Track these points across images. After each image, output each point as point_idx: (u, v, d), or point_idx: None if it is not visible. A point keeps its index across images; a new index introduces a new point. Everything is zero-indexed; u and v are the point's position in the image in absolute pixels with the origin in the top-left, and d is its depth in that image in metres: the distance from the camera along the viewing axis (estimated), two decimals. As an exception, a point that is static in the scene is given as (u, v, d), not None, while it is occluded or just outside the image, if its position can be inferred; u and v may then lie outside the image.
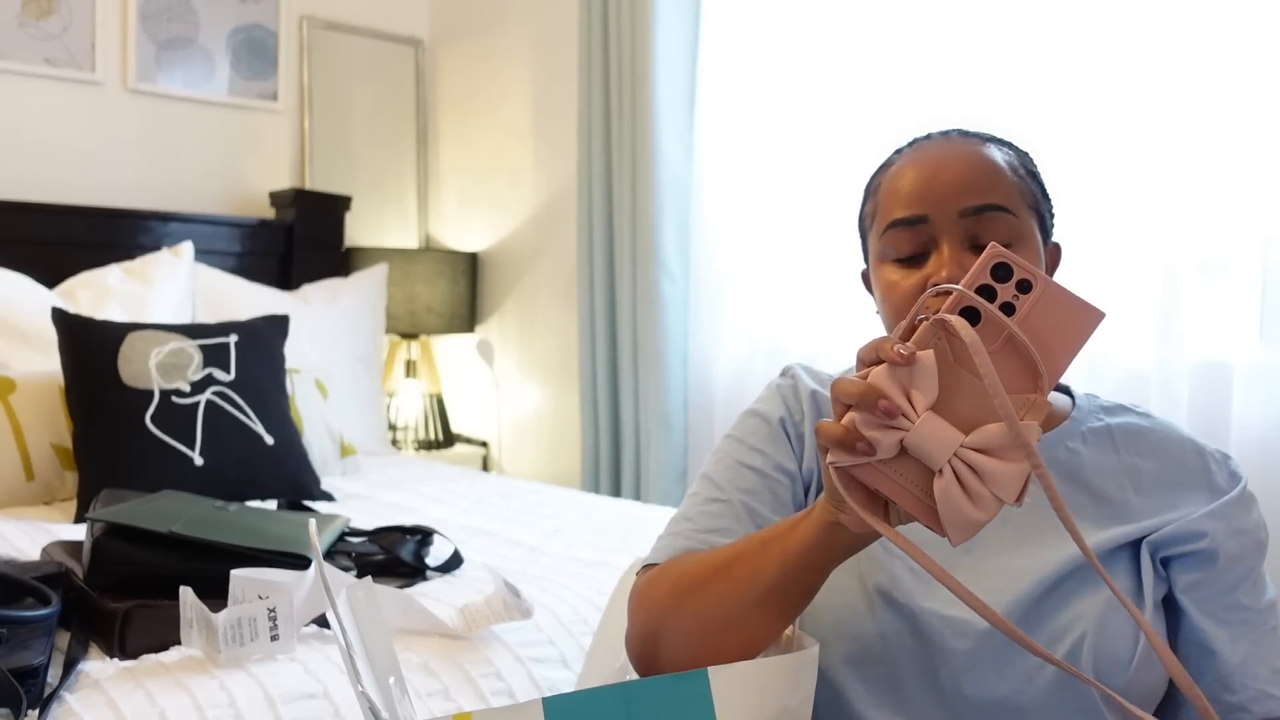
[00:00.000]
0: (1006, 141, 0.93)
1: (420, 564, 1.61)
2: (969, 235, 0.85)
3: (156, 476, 1.96)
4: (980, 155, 0.88)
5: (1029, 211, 0.88)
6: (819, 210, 2.30)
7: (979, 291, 0.65)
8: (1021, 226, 0.86)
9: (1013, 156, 0.90)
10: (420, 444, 3.24)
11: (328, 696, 1.15)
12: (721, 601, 0.79)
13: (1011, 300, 0.65)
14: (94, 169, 2.85)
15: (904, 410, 0.63)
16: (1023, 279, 0.65)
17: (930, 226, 0.86)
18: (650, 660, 0.84)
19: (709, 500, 0.94)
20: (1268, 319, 1.73)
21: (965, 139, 0.91)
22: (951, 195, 0.86)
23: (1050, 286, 0.64)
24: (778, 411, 0.97)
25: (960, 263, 0.84)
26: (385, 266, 3.06)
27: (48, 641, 1.17)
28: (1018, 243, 0.85)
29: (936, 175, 0.87)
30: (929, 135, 0.94)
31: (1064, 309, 0.64)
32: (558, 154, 3.06)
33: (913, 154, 0.91)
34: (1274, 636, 0.87)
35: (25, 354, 2.29)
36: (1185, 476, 0.89)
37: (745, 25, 2.43)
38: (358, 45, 3.34)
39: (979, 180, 0.86)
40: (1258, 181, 1.71)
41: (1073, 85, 1.90)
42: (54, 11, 2.76)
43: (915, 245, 0.87)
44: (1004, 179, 0.87)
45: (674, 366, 2.57)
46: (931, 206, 0.86)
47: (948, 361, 0.65)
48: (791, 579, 0.75)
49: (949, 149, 0.89)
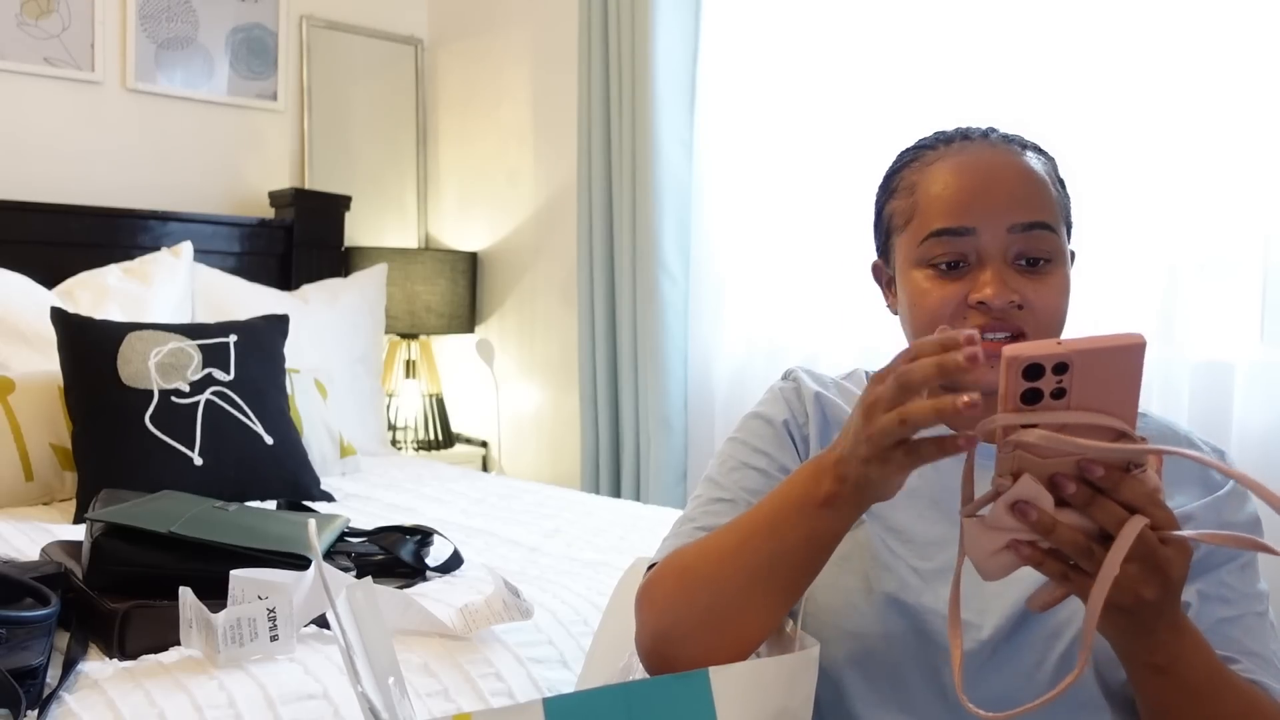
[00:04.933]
0: (1039, 148, 0.91)
1: (420, 564, 1.60)
2: (1014, 251, 0.84)
3: (156, 476, 1.96)
4: (1028, 167, 0.86)
5: (1063, 225, 0.88)
6: (819, 210, 2.29)
7: (1024, 398, 0.63)
8: (1060, 243, 0.86)
9: (1049, 166, 0.89)
10: (420, 444, 3.24)
11: (327, 697, 1.15)
12: (729, 590, 0.79)
13: (1058, 385, 0.63)
14: (93, 169, 2.85)
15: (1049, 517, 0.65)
16: (1058, 362, 0.63)
17: (976, 239, 0.84)
18: (665, 659, 0.83)
19: (712, 500, 0.93)
20: (1269, 318, 1.73)
21: (1008, 145, 0.88)
22: (1003, 210, 0.84)
23: (1083, 353, 0.62)
24: (781, 414, 0.97)
25: (1005, 281, 0.83)
26: (385, 266, 3.06)
27: (47, 642, 1.16)
28: (1056, 259, 0.85)
29: (988, 188, 0.84)
30: (966, 134, 0.90)
31: (1107, 360, 0.63)
32: (557, 154, 3.06)
33: (956, 156, 0.88)
34: (1258, 622, 0.84)
35: (24, 354, 2.29)
36: (1180, 473, 0.88)
37: (745, 25, 2.43)
38: (357, 45, 3.34)
39: (1030, 196, 0.84)
40: (1258, 181, 1.71)
41: (1073, 85, 1.90)
42: (53, 11, 2.76)
43: (956, 255, 0.85)
44: (1048, 194, 0.86)
45: (674, 367, 2.57)
46: (980, 219, 0.84)
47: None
48: (793, 560, 0.77)
49: (997, 158, 0.87)
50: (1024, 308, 0.83)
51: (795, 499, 0.76)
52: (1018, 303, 0.83)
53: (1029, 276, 0.84)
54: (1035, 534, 0.66)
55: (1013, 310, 0.83)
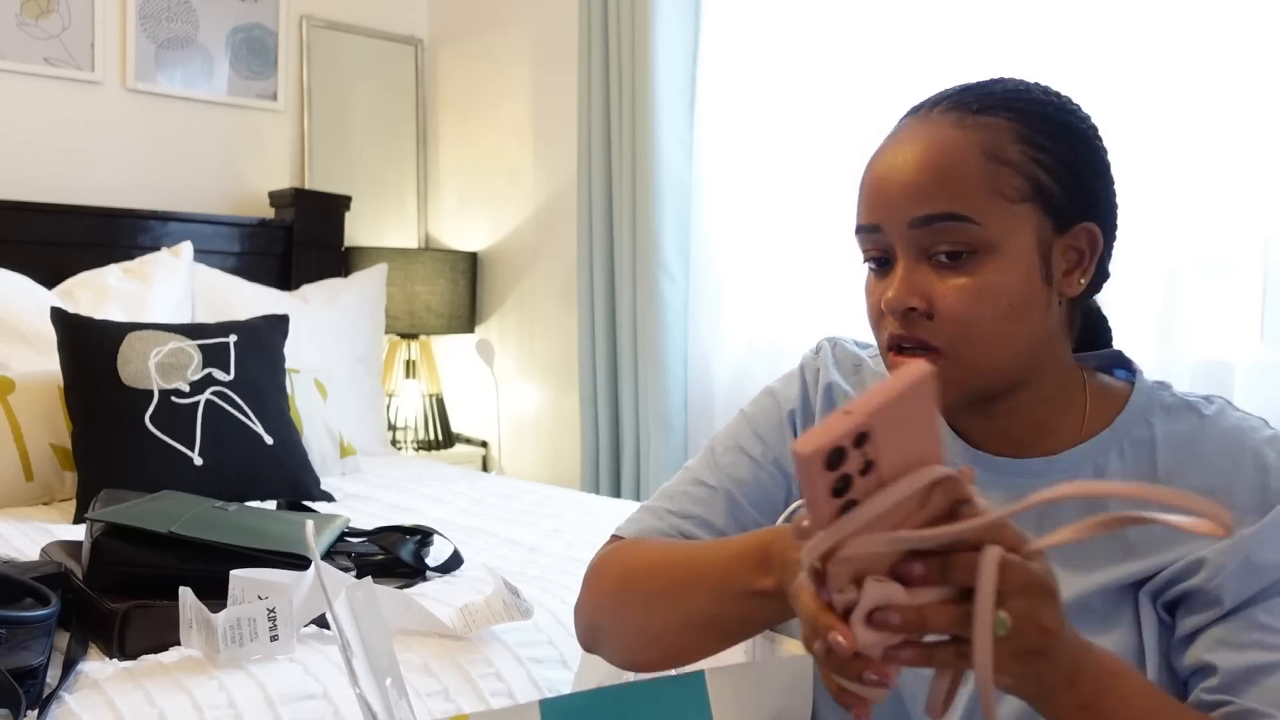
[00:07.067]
0: (1008, 106, 0.78)
1: (420, 564, 1.60)
2: (921, 248, 0.75)
3: (156, 476, 1.96)
4: (934, 149, 0.75)
5: (1015, 204, 0.75)
6: (819, 210, 2.29)
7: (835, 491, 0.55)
8: (986, 233, 0.74)
9: (1002, 133, 0.76)
10: (420, 444, 3.24)
11: (327, 697, 1.15)
12: (661, 620, 0.79)
13: (865, 460, 0.55)
14: (93, 169, 2.85)
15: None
16: (857, 435, 0.54)
17: (885, 236, 0.77)
18: (590, 647, 0.89)
19: (698, 482, 0.93)
20: (1269, 318, 1.73)
21: (930, 123, 0.78)
22: (900, 203, 0.75)
23: (877, 414, 0.54)
24: (791, 401, 0.94)
25: (910, 283, 0.75)
26: (385, 266, 3.06)
27: (47, 642, 1.16)
28: (985, 251, 0.74)
29: (886, 179, 0.77)
30: (916, 109, 0.82)
31: (903, 407, 0.55)
32: (558, 154, 3.06)
33: (885, 142, 0.80)
34: None
35: (24, 354, 2.29)
36: (1235, 496, 0.75)
37: (745, 25, 2.43)
38: (357, 45, 3.34)
39: (926, 186, 0.74)
40: (1258, 181, 1.71)
41: (1073, 85, 1.89)
42: (53, 11, 2.76)
43: (879, 251, 0.79)
44: (963, 176, 0.74)
45: (674, 366, 2.57)
46: (883, 215, 0.77)
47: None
48: (728, 627, 0.77)
49: (904, 144, 0.77)
50: (934, 316, 0.75)
51: (739, 576, 0.72)
52: (924, 310, 0.75)
53: (943, 275, 0.75)
54: (908, 633, 0.57)
55: (919, 319, 0.75)
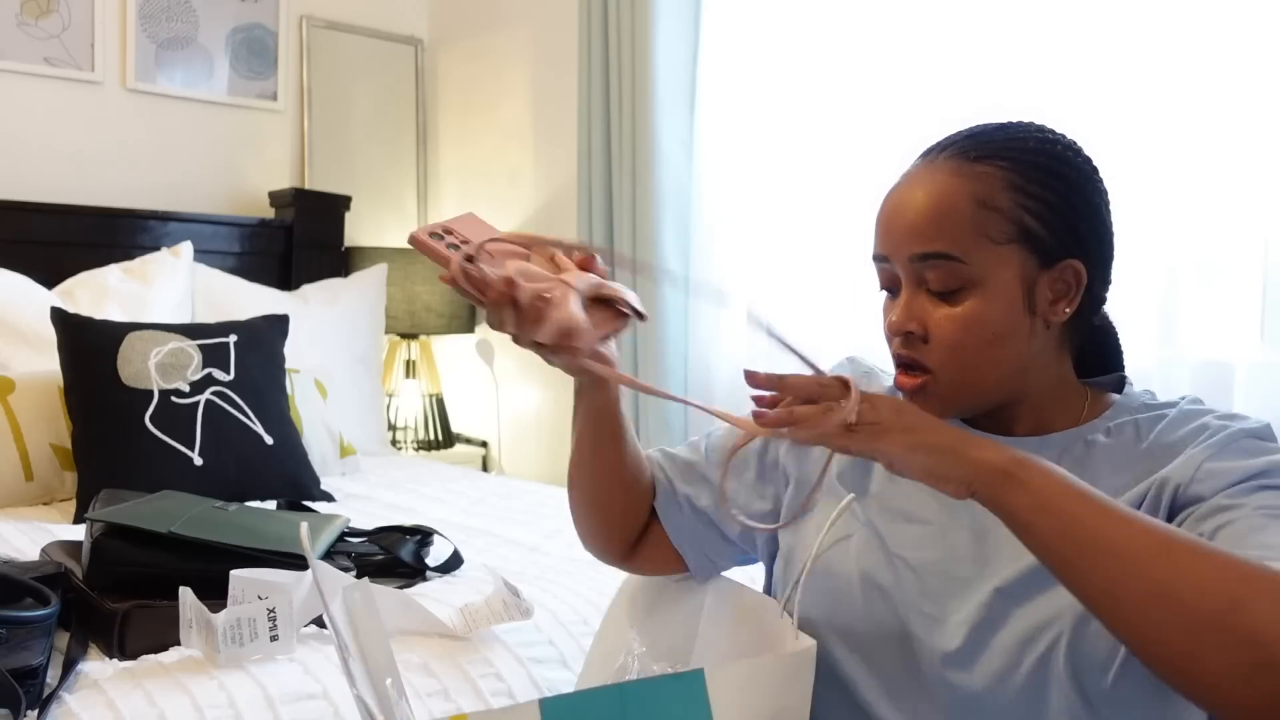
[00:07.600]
0: (1004, 154, 0.86)
1: (420, 564, 1.61)
2: (920, 279, 0.87)
3: (156, 476, 1.96)
4: (932, 195, 0.85)
5: (1001, 245, 0.83)
6: (820, 210, 2.29)
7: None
8: (972, 271, 0.84)
9: (995, 182, 0.84)
10: (420, 444, 3.24)
11: (327, 697, 1.15)
12: (576, 486, 1.05)
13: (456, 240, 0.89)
14: (93, 169, 2.85)
15: None
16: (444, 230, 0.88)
17: (892, 267, 0.89)
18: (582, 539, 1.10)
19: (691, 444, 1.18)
20: (1268, 318, 1.72)
21: (935, 168, 0.87)
22: (903, 240, 0.87)
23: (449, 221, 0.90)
24: None
25: (911, 308, 0.87)
26: (385, 266, 3.06)
27: (47, 642, 1.17)
28: (971, 286, 0.84)
29: (892, 217, 0.88)
30: (927, 152, 0.91)
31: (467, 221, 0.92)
32: (558, 154, 3.06)
33: (894, 184, 0.91)
34: (1267, 520, 0.74)
35: (24, 354, 2.29)
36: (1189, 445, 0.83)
37: (745, 25, 2.43)
38: (357, 45, 3.34)
39: (924, 226, 0.85)
40: (1258, 182, 1.71)
41: (1073, 85, 1.90)
42: (53, 11, 2.76)
43: (889, 280, 0.90)
44: (955, 221, 0.84)
45: (674, 366, 2.57)
46: (889, 248, 0.88)
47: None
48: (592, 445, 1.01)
49: (909, 186, 0.88)
50: (929, 341, 0.86)
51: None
52: (919, 333, 0.86)
53: (937, 305, 0.86)
54: (770, 390, 0.77)
55: (916, 341, 0.87)
